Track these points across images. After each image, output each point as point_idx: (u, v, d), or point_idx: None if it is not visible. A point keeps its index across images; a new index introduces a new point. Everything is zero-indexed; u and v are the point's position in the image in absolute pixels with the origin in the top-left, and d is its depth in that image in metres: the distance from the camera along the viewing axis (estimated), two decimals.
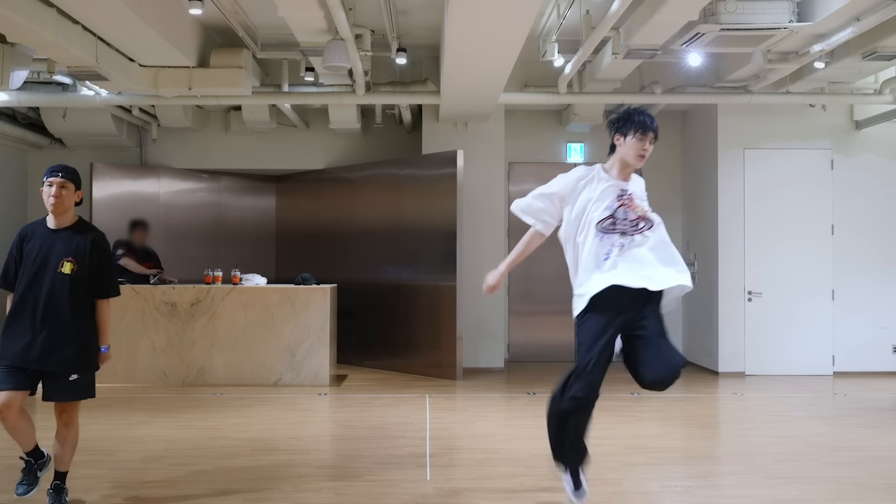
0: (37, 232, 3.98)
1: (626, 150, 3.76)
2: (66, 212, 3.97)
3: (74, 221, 4.02)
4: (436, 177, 8.94)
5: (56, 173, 3.94)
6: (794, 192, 9.22)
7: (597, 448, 5.65)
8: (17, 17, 5.51)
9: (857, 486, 4.68)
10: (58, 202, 3.91)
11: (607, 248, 3.68)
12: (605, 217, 3.68)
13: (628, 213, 3.70)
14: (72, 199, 3.97)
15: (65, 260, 3.91)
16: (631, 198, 3.74)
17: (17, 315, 3.91)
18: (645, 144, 3.73)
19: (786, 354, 9.16)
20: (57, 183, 3.92)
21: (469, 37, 6.22)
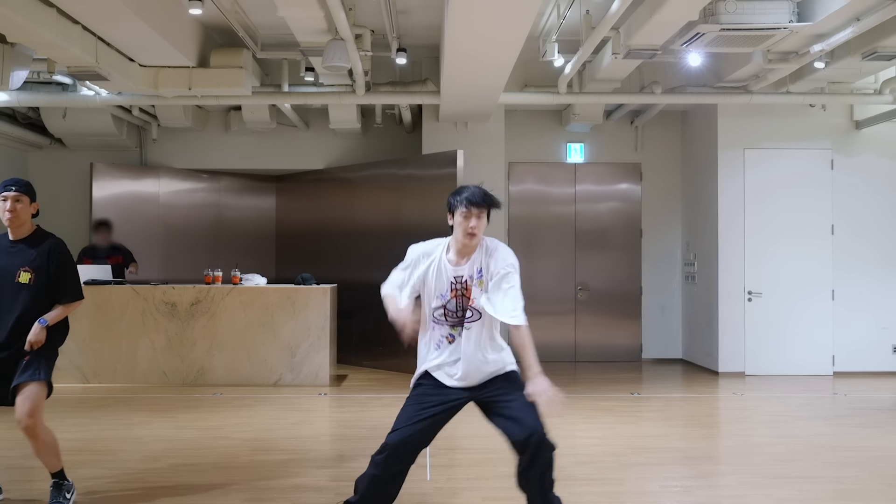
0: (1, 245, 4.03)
1: (456, 229, 3.58)
2: (21, 225, 4.00)
3: (31, 231, 4.05)
4: (436, 177, 8.94)
5: (10, 188, 3.96)
6: (794, 192, 9.23)
7: (597, 448, 5.65)
8: (17, 17, 5.51)
9: (857, 486, 4.68)
10: (13, 216, 3.95)
11: (438, 339, 3.54)
12: (438, 306, 3.54)
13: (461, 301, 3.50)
14: (27, 212, 4.00)
15: (21, 270, 3.94)
16: (465, 286, 3.52)
17: None
18: (471, 221, 3.51)
19: (786, 354, 9.16)
20: (11, 197, 3.95)
21: (469, 37, 6.22)
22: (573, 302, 10.36)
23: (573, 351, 10.36)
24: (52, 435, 4.10)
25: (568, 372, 9.52)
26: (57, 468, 4.13)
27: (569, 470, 4.94)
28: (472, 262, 3.57)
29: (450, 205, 3.64)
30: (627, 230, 10.46)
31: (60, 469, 4.14)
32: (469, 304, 3.51)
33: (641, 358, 10.41)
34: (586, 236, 10.45)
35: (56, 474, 4.13)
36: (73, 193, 10.35)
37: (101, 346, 8.08)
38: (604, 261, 10.45)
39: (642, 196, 10.48)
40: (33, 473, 5.08)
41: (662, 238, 10.53)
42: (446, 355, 3.54)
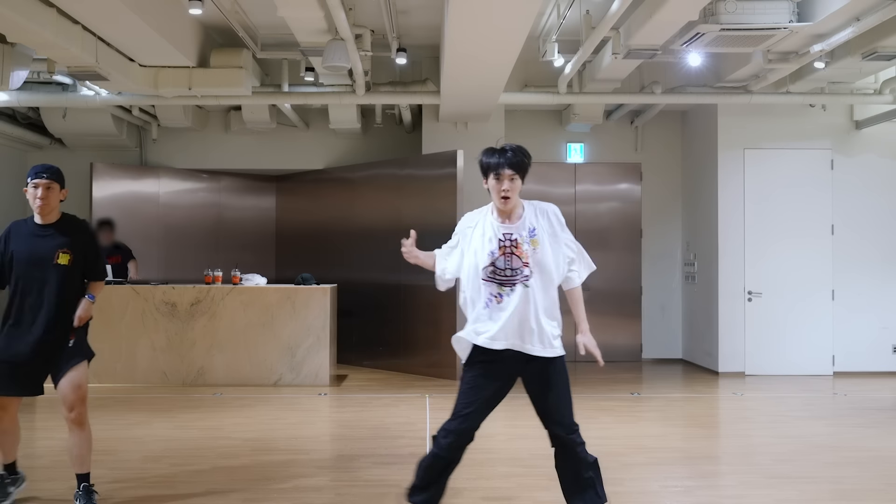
0: (22, 230, 4.05)
1: (491, 192, 3.51)
2: (51, 211, 4.05)
3: (59, 217, 4.10)
4: (436, 177, 8.94)
5: (41, 174, 4.02)
6: (794, 192, 9.22)
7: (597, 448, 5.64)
8: (17, 17, 5.51)
9: (857, 486, 4.68)
10: (44, 203, 4.00)
11: (486, 297, 3.51)
12: (487, 264, 3.50)
13: (512, 260, 3.47)
14: (57, 199, 4.06)
15: (60, 252, 3.97)
16: (516, 243, 3.47)
17: (17, 312, 3.96)
18: (503, 184, 3.45)
19: (786, 354, 9.16)
20: (42, 184, 4.00)
21: (469, 37, 6.22)
22: None
23: (573, 351, 10.32)
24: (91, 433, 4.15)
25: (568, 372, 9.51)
26: (88, 467, 4.09)
27: None
28: (524, 221, 3.54)
29: (480, 167, 3.57)
30: (627, 230, 10.46)
31: (88, 472, 4.10)
32: (523, 263, 3.47)
33: (641, 358, 10.41)
34: (586, 236, 10.43)
35: (83, 477, 4.07)
36: (73, 193, 10.15)
37: (100, 346, 7.97)
38: (604, 261, 10.37)
39: (642, 196, 10.47)
40: (33, 473, 5.08)
41: (662, 238, 10.53)
42: (493, 313, 3.49)
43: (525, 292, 3.46)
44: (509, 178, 3.46)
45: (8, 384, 3.97)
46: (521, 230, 3.51)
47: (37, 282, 3.95)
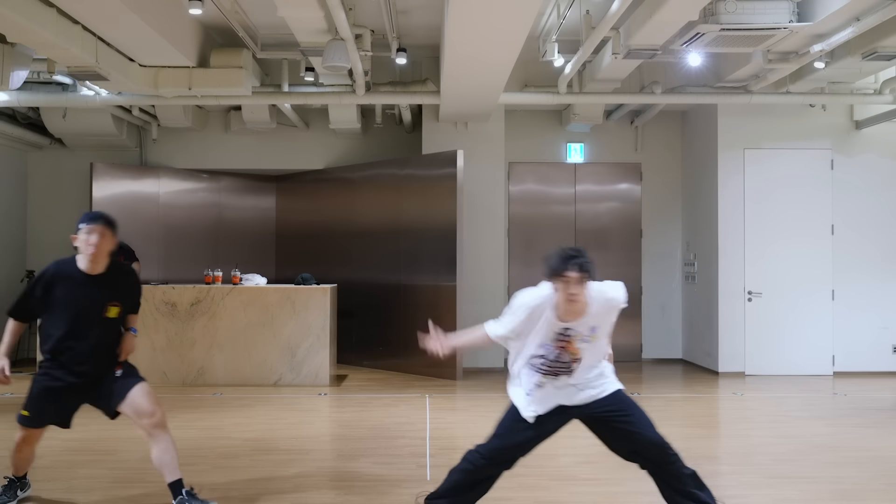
0: (71, 277, 3.95)
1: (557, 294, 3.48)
2: (102, 260, 3.98)
3: (107, 266, 4.03)
4: (436, 177, 8.94)
5: (97, 220, 3.94)
6: (794, 192, 9.22)
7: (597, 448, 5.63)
8: (17, 17, 5.51)
9: (856, 486, 4.68)
10: (97, 251, 3.91)
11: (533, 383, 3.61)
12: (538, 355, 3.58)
13: (562, 354, 3.55)
14: (108, 247, 3.98)
15: (110, 305, 3.99)
16: (570, 340, 3.53)
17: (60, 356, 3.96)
18: (570, 287, 3.42)
19: (786, 354, 9.16)
20: (98, 231, 3.91)
21: (469, 37, 6.22)
22: None
23: None
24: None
25: None
26: (178, 473, 3.99)
27: (569, 470, 4.94)
28: (586, 319, 3.55)
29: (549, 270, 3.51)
30: (627, 230, 10.46)
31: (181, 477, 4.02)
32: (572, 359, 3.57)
33: (641, 358, 10.41)
34: (586, 236, 10.44)
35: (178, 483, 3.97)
36: (73, 193, 10.35)
37: None
38: (604, 261, 10.43)
39: (642, 196, 10.47)
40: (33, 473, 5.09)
41: (662, 238, 10.53)
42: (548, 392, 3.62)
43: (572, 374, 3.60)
44: (577, 281, 3.43)
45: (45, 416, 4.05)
46: (581, 328, 3.54)
47: (83, 332, 3.94)
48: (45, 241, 10.34)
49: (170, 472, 3.95)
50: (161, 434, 3.94)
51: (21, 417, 4.06)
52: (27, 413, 4.03)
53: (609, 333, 3.70)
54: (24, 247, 10.49)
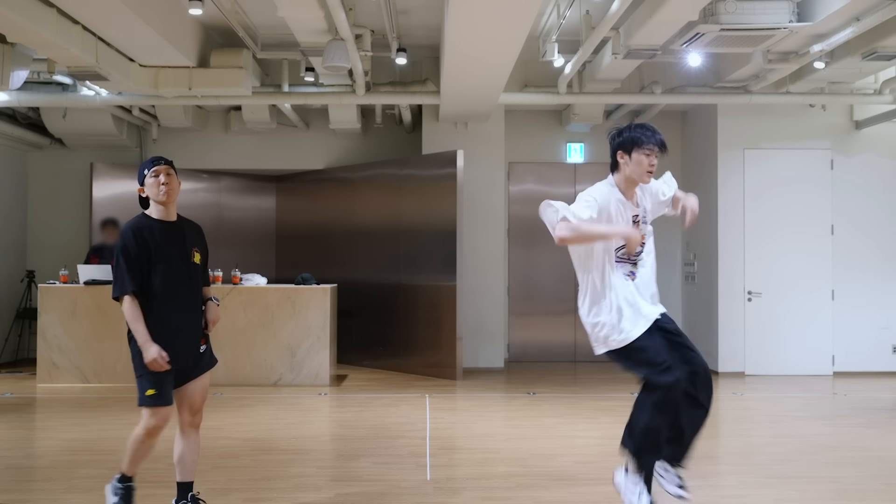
0: (152, 228, 3.73)
1: (633, 168, 3.65)
2: (175, 200, 3.80)
3: (178, 216, 3.86)
4: (436, 177, 8.94)
5: (159, 161, 3.77)
6: (793, 192, 9.23)
7: (597, 448, 5.65)
8: (17, 17, 5.51)
9: (856, 486, 4.68)
10: (169, 189, 3.72)
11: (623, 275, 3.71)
12: (620, 246, 3.67)
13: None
14: (178, 187, 3.81)
15: (194, 250, 3.82)
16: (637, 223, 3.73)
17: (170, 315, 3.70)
18: (652, 159, 3.62)
19: (786, 354, 9.16)
20: (163, 170, 3.73)
21: (469, 37, 6.22)
22: (573, 302, 10.30)
23: (573, 351, 10.35)
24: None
25: (568, 372, 9.52)
26: (193, 476, 3.90)
27: (569, 470, 4.94)
28: (639, 201, 3.76)
29: (629, 140, 3.65)
30: None
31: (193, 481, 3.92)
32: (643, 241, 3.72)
33: None
34: None
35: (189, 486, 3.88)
36: (73, 193, 10.36)
37: (101, 345, 8.07)
38: None
39: None
40: (33, 473, 5.09)
41: (662, 238, 10.46)
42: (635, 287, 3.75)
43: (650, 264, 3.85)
44: (657, 154, 3.63)
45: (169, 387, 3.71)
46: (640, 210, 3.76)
47: (183, 283, 3.75)
48: (45, 241, 10.35)
49: (186, 472, 3.89)
50: (194, 434, 3.89)
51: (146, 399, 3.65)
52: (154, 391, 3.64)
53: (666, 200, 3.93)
54: (24, 247, 10.49)
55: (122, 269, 3.65)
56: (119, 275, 3.66)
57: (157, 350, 3.58)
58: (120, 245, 3.67)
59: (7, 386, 8.14)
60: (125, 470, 3.88)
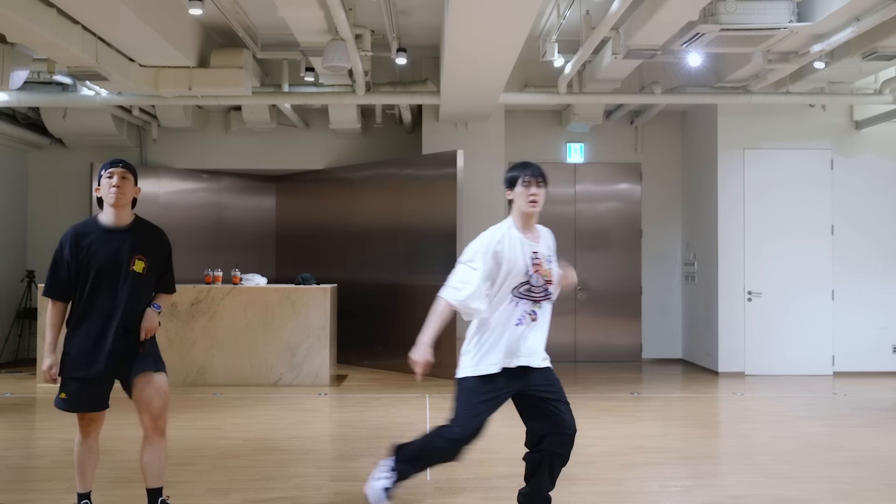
0: (92, 233, 3.71)
1: (518, 201, 3.69)
2: (125, 205, 3.74)
3: (133, 219, 3.79)
4: (436, 177, 8.94)
5: (116, 164, 3.72)
6: (793, 192, 9.23)
7: (597, 448, 5.65)
8: (17, 17, 5.51)
9: (856, 486, 4.68)
10: (119, 192, 3.67)
11: (520, 315, 3.62)
12: (524, 282, 3.62)
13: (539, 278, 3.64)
14: (132, 192, 3.75)
15: (136, 257, 3.71)
16: (540, 261, 3.66)
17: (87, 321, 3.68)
18: (532, 189, 3.65)
19: (786, 354, 9.16)
20: (118, 173, 3.68)
21: (469, 37, 6.22)
22: (573, 302, 10.36)
23: (573, 351, 10.36)
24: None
25: (568, 372, 9.52)
26: (162, 481, 3.86)
27: (569, 470, 4.92)
28: (542, 240, 3.75)
29: (509, 179, 3.73)
30: (627, 230, 10.47)
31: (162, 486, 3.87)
32: (548, 280, 3.69)
33: (641, 358, 10.41)
34: (586, 236, 10.45)
35: (159, 491, 3.84)
36: (73, 193, 10.35)
37: None
38: (604, 261, 10.45)
39: (642, 196, 10.48)
40: (33, 473, 5.09)
41: (662, 238, 10.53)
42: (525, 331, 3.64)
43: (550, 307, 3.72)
44: (537, 184, 3.67)
45: (85, 401, 3.73)
46: (542, 248, 3.72)
47: (111, 290, 3.68)
48: (45, 241, 10.33)
49: (154, 478, 3.82)
50: (158, 439, 3.82)
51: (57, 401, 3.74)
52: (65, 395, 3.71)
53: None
54: (24, 247, 10.49)
55: (50, 273, 3.75)
56: (48, 278, 3.76)
57: (48, 363, 3.68)
58: (57, 247, 3.74)
59: (7, 386, 8.14)
60: (77, 488, 3.88)
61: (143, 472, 3.82)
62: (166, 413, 3.84)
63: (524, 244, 3.65)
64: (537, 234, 3.74)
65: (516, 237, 3.66)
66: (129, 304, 3.71)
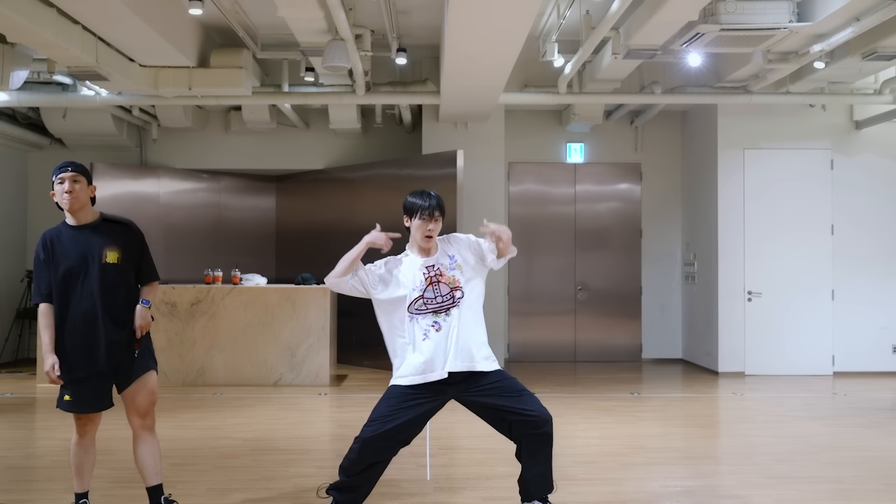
0: (62, 235, 3.74)
1: (414, 233, 3.82)
2: (83, 207, 3.73)
3: (97, 217, 3.80)
4: (436, 177, 8.94)
5: (65, 168, 3.73)
6: (793, 192, 9.23)
7: (597, 448, 5.66)
8: (17, 17, 5.51)
9: (857, 486, 4.68)
10: (73, 197, 3.68)
11: (423, 331, 3.63)
12: (416, 298, 3.66)
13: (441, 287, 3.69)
14: (86, 194, 3.75)
15: (107, 249, 3.71)
16: (439, 272, 3.72)
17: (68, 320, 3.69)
18: (429, 224, 3.77)
19: (786, 354, 9.16)
20: (68, 178, 3.68)
21: (469, 37, 6.22)
22: (573, 302, 10.36)
23: (573, 351, 10.36)
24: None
25: (568, 372, 9.52)
26: (161, 478, 3.86)
27: (569, 470, 4.94)
28: (440, 253, 3.82)
29: (407, 208, 3.88)
30: (627, 230, 10.47)
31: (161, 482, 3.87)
32: (455, 286, 3.71)
33: (641, 358, 10.41)
34: (586, 236, 10.45)
35: (160, 488, 3.85)
36: None
37: None
38: (604, 261, 10.45)
39: (642, 196, 10.48)
40: (33, 473, 5.09)
41: (662, 238, 10.53)
42: (434, 343, 3.63)
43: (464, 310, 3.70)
44: (436, 219, 3.81)
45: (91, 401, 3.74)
46: (442, 259, 3.78)
47: (84, 285, 3.68)
48: None
49: (152, 475, 3.82)
50: (149, 436, 3.83)
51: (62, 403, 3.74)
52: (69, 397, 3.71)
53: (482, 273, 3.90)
54: (24, 247, 10.49)
55: (34, 278, 3.78)
56: (34, 284, 3.80)
57: (50, 363, 3.66)
58: (35, 256, 3.77)
59: (7, 386, 8.14)
60: (75, 488, 3.88)
61: (141, 470, 3.83)
62: (153, 410, 3.87)
63: (413, 261, 3.76)
64: (431, 251, 3.82)
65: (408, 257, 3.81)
66: (109, 295, 3.73)
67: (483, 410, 3.73)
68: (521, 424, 3.64)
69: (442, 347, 3.63)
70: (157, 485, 3.84)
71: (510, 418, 3.65)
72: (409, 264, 3.77)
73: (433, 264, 3.74)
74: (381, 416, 3.65)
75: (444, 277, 3.72)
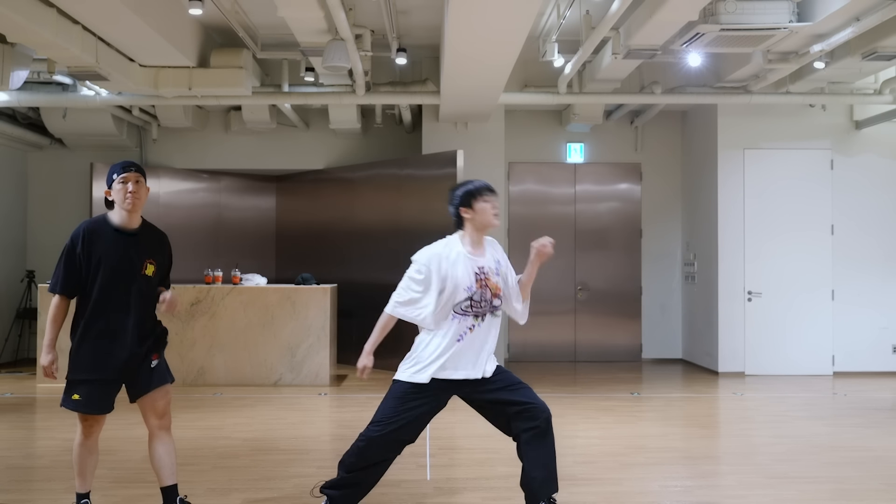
0: (104, 233, 3.68)
1: (480, 217, 3.80)
2: (139, 210, 3.73)
3: (141, 222, 3.79)
4: (436, 177, 8.94)
5: (129, 168, 3.70)
6: (793, 192, 9.23)
7: (597, 448, 5.66)
8: (17, 17, 5.51)
9: (857, 486, 4.68)
10: (135, 198, 3.65)
11: (461, 331, 3.64)
12: (465, 298, 3.65)
13: (485, 292, 3.67)
14: (146, 195, 3.74)
15: (147, 262, 3.72)
16: (487, 276, 3.70)
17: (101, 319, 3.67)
18: (495, 203, 3.80)
19: (786, 354, 9.16)
20: (132, 178, 3.66)
21: (469, 37, 6.22)
22: (573, 302, 10.36)
23: (573, 351, 10.36)
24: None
25: (568, 372, 9.52)
26: (176, 478, 3.87)
27: (569, 470, 4.94)
28: (487, 254, 3.78)
29: (466, 195, 3.85)
30: (627, 230, 10.47)
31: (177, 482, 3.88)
32: (496, 293, 3.70)
33: (641, 358, 10.41)
34: (586, 236, 10.45)
35: (174, 489, 3.84)
36: (73, 193, 10.35)
37: None
38: (604, 261, 10.45)
39: (642, 196, 10.48)
40: (33, 473, 5.10)
41: (662, 238, 10.53)
42: (465, 345, 3.64)
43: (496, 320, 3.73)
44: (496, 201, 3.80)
45: (98, 404, 3.72)
46: (489, 262, 3.76)
47: (123, 293, 3.67)
48: (45, 242, 10.34)
49: (167, 475, 3.84)
50: (166, 436, 3.85)
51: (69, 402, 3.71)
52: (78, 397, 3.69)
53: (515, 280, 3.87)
54: (24, 247, 10.49)
55: (60, 268, 3.69)
56: (56, 272, 3.70)
57: (49, 360, 3.68)
58: (68, 243, 3.68)
59: (7, 386, 8.14)
60: (77, 488, 3.88)
61: (157, 469, 3.84)
62: (170, 409, 3.89)
63: (468, 260, 3.69)
64: (483, 248, 3.78)
65: (461, 253, 3.72)
66: (142, 308, 3.75)
67: (484, 406, 3.74)
68: (519, 417, 3.64)
69: (471, 350, 3.64)
70: (172, 485, 3.85)
71: (509, 411, 3.66)
72: (465, 263, 3.70)
73: (483, 265, 3.72)
74: (386, 417, 3.68)
75: (490, 282, 3.69)
